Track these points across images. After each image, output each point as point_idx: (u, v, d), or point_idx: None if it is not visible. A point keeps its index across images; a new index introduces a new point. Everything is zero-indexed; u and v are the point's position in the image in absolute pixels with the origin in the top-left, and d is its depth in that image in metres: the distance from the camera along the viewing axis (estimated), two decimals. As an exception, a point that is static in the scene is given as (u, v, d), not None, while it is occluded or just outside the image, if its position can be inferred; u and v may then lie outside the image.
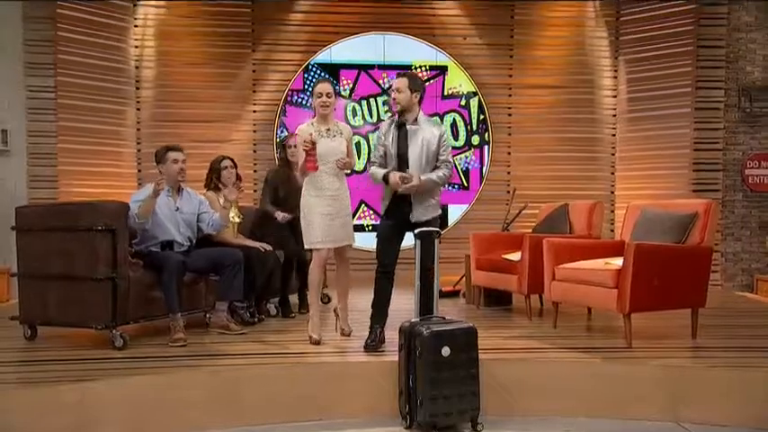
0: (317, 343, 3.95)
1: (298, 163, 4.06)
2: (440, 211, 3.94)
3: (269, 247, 4.75)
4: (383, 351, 3.76)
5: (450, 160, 3.91)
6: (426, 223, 3.74)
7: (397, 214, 3.88)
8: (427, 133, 3.86)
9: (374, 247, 4.04)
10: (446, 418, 3.14)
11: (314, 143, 3.81)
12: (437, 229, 3.64)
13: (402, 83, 3.84)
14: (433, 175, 3.82)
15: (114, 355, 3.71)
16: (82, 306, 3.82)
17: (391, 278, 3.94)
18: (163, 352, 3.78)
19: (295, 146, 4.55)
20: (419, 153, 3.82)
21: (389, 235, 3.94)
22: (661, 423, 3.33)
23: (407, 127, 3.87)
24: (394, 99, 3.87)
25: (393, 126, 3.92)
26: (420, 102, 3.91)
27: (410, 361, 3.20)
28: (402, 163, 3.83)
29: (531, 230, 5.52)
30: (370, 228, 7.51)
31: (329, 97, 3.94)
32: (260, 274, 4.60)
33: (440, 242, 3.63)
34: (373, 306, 3.95)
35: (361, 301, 4.53)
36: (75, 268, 3.82)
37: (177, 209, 4.30)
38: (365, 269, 5.00)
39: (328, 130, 3.98)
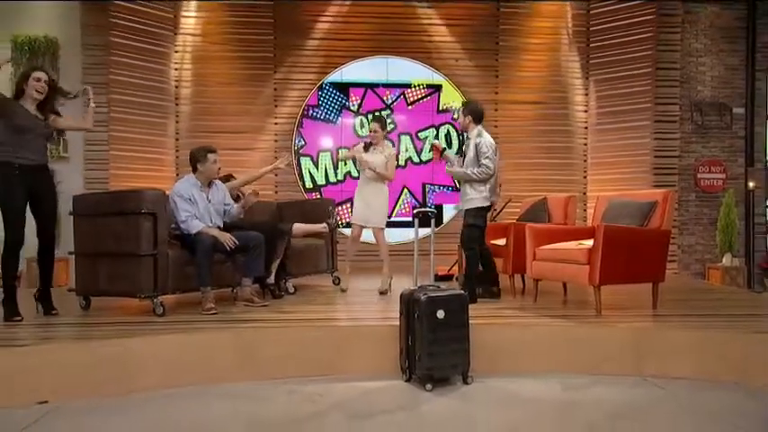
0: (383, 293, 4.80)
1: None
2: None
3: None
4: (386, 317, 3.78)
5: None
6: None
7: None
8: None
9: (399, 240, 4.34)
10: (440, 371, 3.12)
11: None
12: (433, 210, 3.64)
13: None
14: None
15: (155, 320, 3.71)
16: (128, 279, 3.82)
17: None
18: (196, 318, 3.78)
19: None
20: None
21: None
22: (627, 377, 3.29)
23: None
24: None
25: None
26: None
27: (409, 323, 3.18)
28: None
29: (515, 221, 5.48)
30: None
31: (375, 132, 4.93)
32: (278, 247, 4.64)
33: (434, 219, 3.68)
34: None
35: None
36: (123, 246, 3.82)
37: (209, 200, 4.31)
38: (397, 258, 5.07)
39: (374, 148, 4.97)
